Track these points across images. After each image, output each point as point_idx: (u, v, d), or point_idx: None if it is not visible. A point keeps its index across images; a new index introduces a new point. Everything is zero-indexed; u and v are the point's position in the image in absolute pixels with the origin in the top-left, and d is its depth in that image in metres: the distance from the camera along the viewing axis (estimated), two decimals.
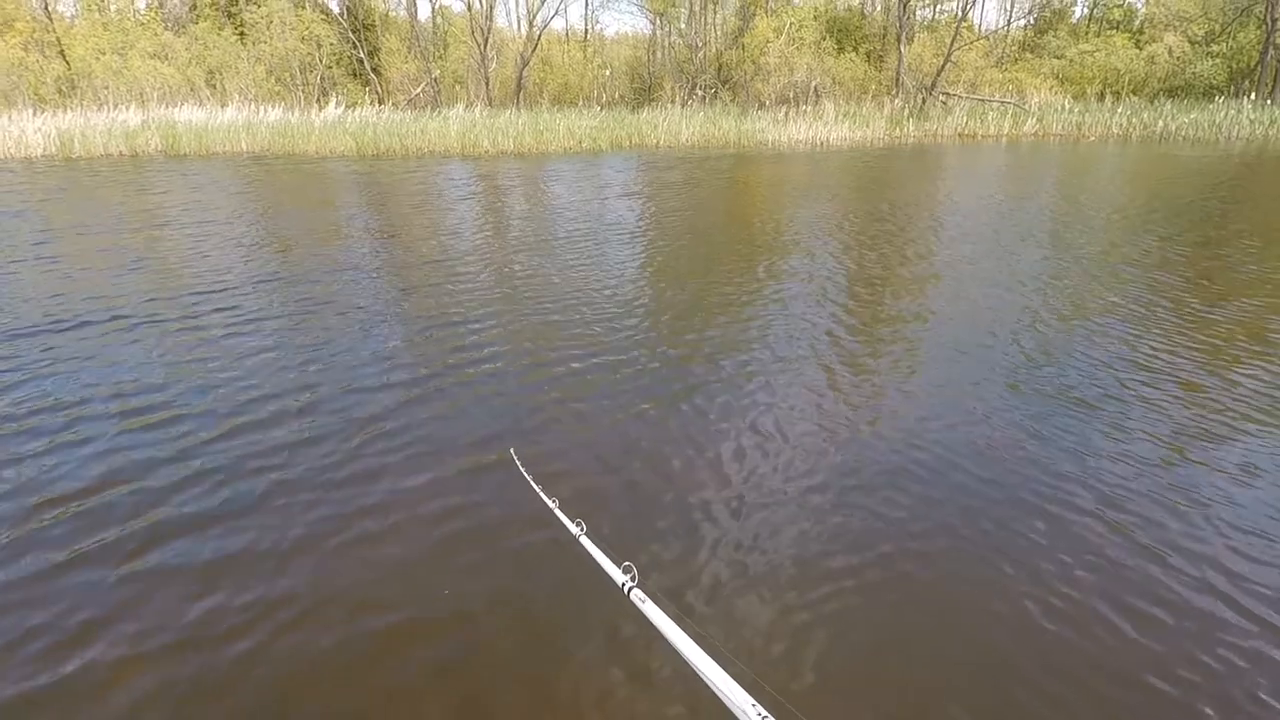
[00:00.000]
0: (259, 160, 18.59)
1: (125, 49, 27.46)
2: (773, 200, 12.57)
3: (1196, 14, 30.00)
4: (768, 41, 27.52)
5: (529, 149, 20.32)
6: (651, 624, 1.47)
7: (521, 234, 9.79)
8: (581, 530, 1.92)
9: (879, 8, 36.70)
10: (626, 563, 1.63)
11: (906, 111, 25.68)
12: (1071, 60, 31.20)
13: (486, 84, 28.82)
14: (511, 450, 3.02)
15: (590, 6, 55.94)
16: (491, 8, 28.53)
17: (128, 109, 23.37)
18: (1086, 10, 36.75)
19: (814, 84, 27.28)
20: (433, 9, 33.02)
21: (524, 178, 15.83)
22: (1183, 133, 23.00)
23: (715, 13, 30.76)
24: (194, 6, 36.11)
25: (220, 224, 10.30)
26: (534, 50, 29.52)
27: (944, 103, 26.38)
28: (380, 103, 28.33)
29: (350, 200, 12.71)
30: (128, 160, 18.33)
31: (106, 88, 25.22)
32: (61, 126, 20.01)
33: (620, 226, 10.23)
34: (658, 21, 32.20)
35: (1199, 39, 30.23)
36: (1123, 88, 29.74)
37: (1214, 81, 29.56)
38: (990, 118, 24.80)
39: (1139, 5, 35.96)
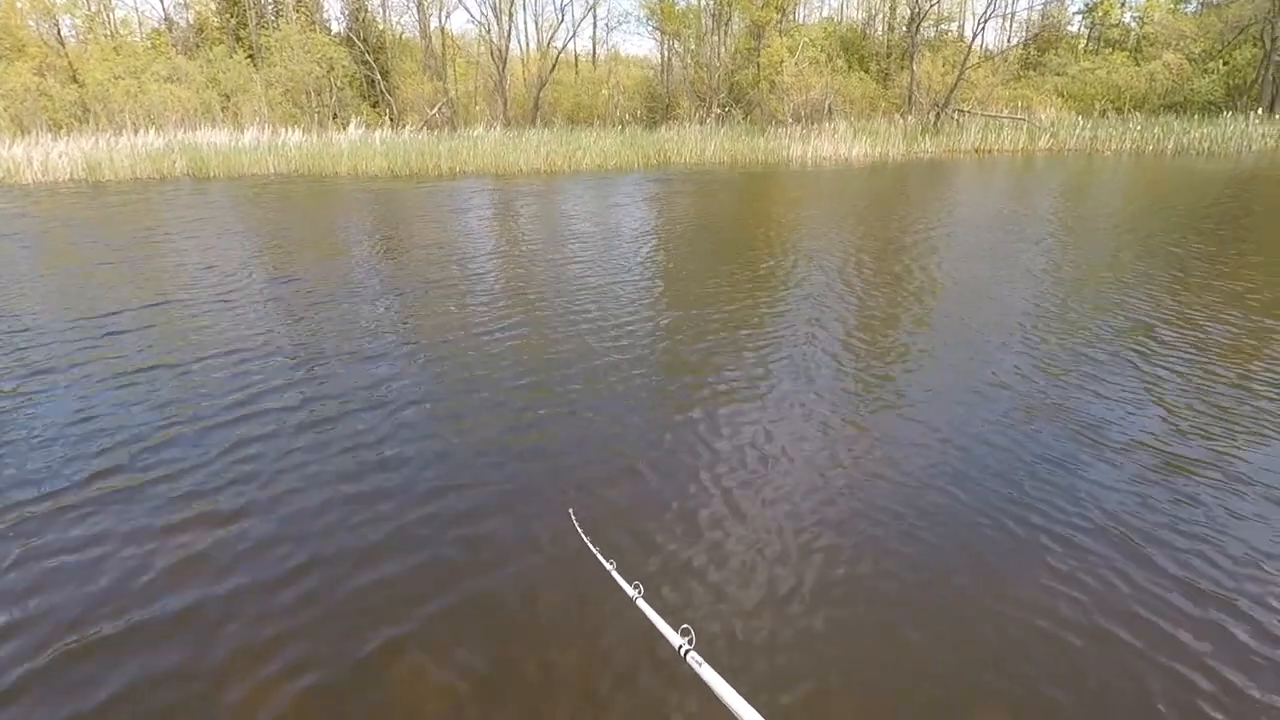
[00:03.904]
0: (289, 181, 18.50)
1: (139, 73, 27.33)
2: (820, 216, 12.63)
3: (1196, 33, 30.77)
4: (782, 61, 27.87)
5: (561, 167, 20.38)
6: (709, 687, 1.46)
7: (581, 259, 9.35)
8: (639, 593, 1.92)
9: (879, 29, 37.46)
10: (684, 625, 1.63)
11: (921, 128, 26.05)
12: (1074, 77, 31.85)
13: (504, 105, 28.95)
14: (570, 511, 2.94)
15: (598, 28, 56.35)
16: (510, 31, 28.75)
17: (146, 133, 23.24)
18: (1084, 30, 37.62)
19: (828, 102, 27.63)
20: (442, 31, 33.13)
21: (567, 196, 15.86)
22: (1194, 147, 23.48)
23: (725, 33, 31.15)
24: (200, 29, 36.15)
25: (289, 242, 10.22)
26: (552, 70, 29.71)
27: (957, 119, 26.79)
28: (395, 124, 28.36)
29: (396, 220, 12.64)
30: (158, 183, 18.16)
31: (122, 111, 25.07)
32: (85, 150, 19.85)
33: (668, 246, 10.25)
34: (670, 42, 32.56)
35: (1197, 57, 30.99)
36: (1124, 104, 30.37)
37: (1212, 97, 30.29)
38: (1005, 133, 25.21)
39: (1132, 24, 36.94)
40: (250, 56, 31.06)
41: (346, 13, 33.38)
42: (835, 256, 9.05)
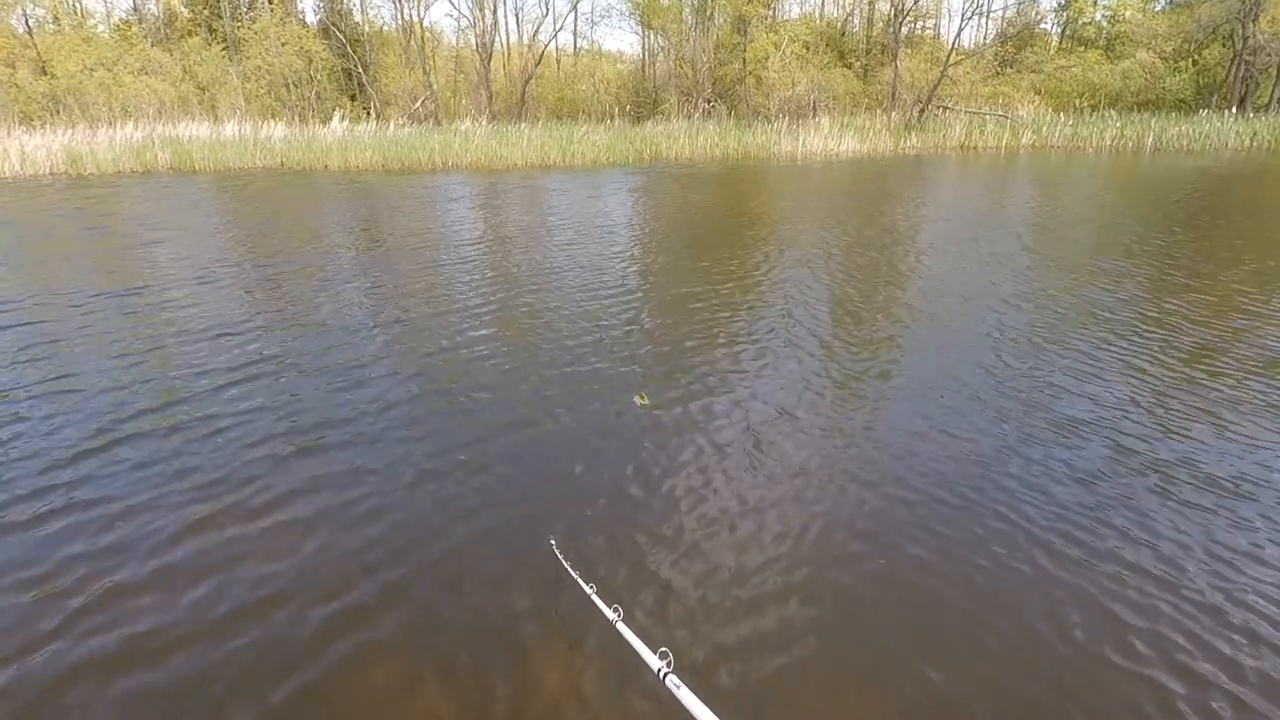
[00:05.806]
0: (277, 175, 18.15)
1: (113, 64, 26.56)
2: (814, 211, 12.71)
3: (1169, 32, 31.51)
4: (767, 56, 27.99)
5: (554, 162, 20.26)
6: (686, 710, 1.48)
7: (589, 254, 9.24)
8: (618, 616, 1.95)
9: (858, 25, 37.79)
10: (663, 648, 1.66)
11: (905, 124, 26.35)
12: (1050, 74, 32.45)
13: (489, 99, 28.66)
14: (552, 539, 2.88)
15: (580, 23, 55.81)
16: (495, 25, 28.45)
17: (123, 126, 22.57)
18: (1057, 28, 38.36)
19: (813, 98, 27.82)
20: (420, 25, 32.64)
21: (564, 192, 15.76)
22: (1173, 145, 24.08)
23: (708, 28, 31.19)
24: (171, 21, 35.18)
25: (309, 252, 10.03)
26: (538, 64, 29.49)
27: (940, 116, 27.14)
28: (378, 118, 27.92)
29: (392, 215, 12.45)
30: (142, 177, 17.70)
31: (97, 104, 24.33)
32: (64, 144, 19.24)
33: (671, 243, 10.22)
34: (653, 37, 32.50)
35: (1169, 55, 31.77)
36: (1099, 101, 31.04)
37: (1182, 96, 31.11)
38: (989, 130, 25.59)
39: (1104, 22, 37.73)
40: (225, 49, 30.35)
41: (323, 4, 32.76)
42: (836, 257, 9.14)
